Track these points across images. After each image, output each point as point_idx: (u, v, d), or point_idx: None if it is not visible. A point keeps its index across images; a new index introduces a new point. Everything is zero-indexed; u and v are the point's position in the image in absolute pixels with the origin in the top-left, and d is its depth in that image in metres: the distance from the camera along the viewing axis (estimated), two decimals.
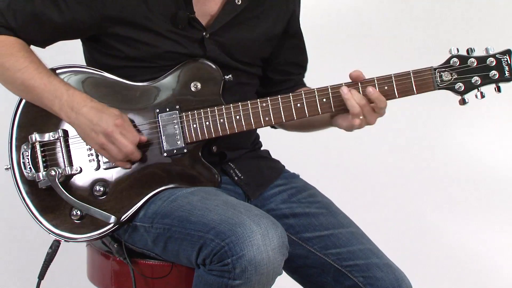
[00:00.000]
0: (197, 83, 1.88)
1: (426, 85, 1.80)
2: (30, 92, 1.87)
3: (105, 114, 1.80)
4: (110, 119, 1.80)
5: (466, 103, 1.82)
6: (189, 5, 1.87)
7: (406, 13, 3.69)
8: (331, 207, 2.02)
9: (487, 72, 1.79)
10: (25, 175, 1.90)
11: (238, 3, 1.92)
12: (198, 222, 1.71)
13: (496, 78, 1.79)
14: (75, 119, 1.83)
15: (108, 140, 1.80)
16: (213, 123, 1.85)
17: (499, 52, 1.80)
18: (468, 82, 1.80)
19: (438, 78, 1.80)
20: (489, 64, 1.79)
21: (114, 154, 1.82)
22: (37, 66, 1.86)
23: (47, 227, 1.89)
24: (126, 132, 1.81)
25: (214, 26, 1.91)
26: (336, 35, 3.52)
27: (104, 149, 1.82)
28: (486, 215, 3.65)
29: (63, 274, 2.51)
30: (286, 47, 2.08)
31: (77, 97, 1.83)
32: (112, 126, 1.79)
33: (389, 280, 1.87)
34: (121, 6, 1.83)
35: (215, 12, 1.92)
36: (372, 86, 1.80)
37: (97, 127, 1.80)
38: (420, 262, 3.32)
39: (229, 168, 2.00)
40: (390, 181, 3.65)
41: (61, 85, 1.85)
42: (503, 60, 1.79)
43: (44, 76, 1.85)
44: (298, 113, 1.84)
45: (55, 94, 1.84)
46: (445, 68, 1.81)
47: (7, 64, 1.86)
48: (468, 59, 1.80)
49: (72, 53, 2.07)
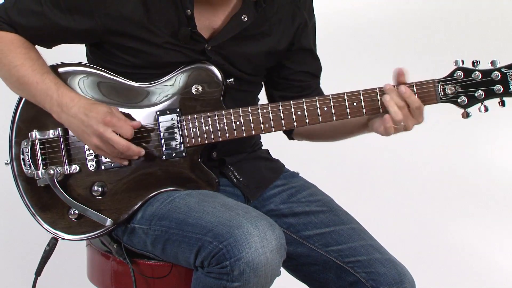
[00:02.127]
0: (198, 86, 1.86)
1: (429, 98, 1.79)
2: (24, 90, 1.86)
3: (93, 113, 1.77)
4: (98, 117, 1.76)
5: (469, 116, 1.80)
6: (191, 20, 1.84)
7: (410, 16, 3.68)
8: (332, 205, 2.02)
9: (492, 87, 1.77)
10: (24, 171, 1.89)
11: (244, 20, 1.88)
12: (196, 224, 1.70)
13: (501, 93, 1.77)
14: (66, 120, 1.81)
15: (101, 140, 1.77)
16: (213, 128, 1.84)
17: (505, 66, 1.77)
18: (472, 96, 1.78)
19: (441, 91, 1.79)
20: (494, 78, 1.77)
21: (110, 153, 1.80)
22: (33, 63, 1.85)
23: (45, 225, 1.89)
24: (117, 128, 1.77)
25: (217, 40, 1.89)
26: (336, 41, 3.51)
27: (99, 149, 1.80)
28: (488, 210, 3.65)
29: (63, 273, 2.52)
30: (294, 60, 2.06)
31: (66, 96, 1.81)
32: (102, 126, 1.76)
33: (391, 275, 1.87)
34: (123, 19, 1.81)
35: (218, 26, 1.90)
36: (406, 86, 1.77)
37: (88, 128, 1.78)
38: (422, 257, 3.32)
39: (227, 170, 1.99)
40: (391, 178, 3.65)
41: (52, 84, 1.82)
42: (508, 75, 1.77)
43: (38, 74, 1.83)
44: (299, 121, 1.83)
45: (46, 93, 1.82)
46: (449, 80, 1.79)
47: (4, 60, 1.86)
48: (472, 72, 1.77)
49: (76, 53, 2.06)
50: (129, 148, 1.78)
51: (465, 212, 3.63)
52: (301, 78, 2.07)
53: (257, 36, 1.94)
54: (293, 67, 2.06)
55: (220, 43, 1.88)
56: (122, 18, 1.81)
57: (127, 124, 1.79)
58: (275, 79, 2.08)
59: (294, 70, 2.06)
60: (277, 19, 1.96)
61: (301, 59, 2.06)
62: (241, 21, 1.88)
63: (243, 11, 1.88)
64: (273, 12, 1.95)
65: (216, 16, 1.89)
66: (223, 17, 1.89)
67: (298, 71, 2.06)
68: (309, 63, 2.09)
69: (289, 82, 2.07)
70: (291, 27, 1.99)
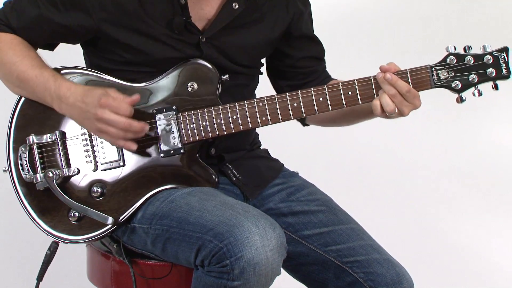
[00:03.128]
0: (194, 83, 1.87)
1: (423, 83, 1.80)
2: (24, 86, 1.87)
3: (89, 98, 1.77)
4: (94, 101, 1.75)
5: (464, 101, 1.81)
6: (185, 10, 1.86)
7: (404, 10, 3.69)
8: (331, 204, 2.02)
9: (484, 70, 1.79)
10: (23, 176, 1.90)
11: (235, 8, 1.90)
12: (196, 223, 1.71)
13: (493, 76, 1.79)
14: (66, 110, 1.82)
15: (102, 123, 1.76)
16: (210, 123, 1.85)
17: (496, 50, 1.79)
18: (465, 80, 1.79)
19: (435, 76, 1.80)
20: (486, 62, 1.79)
21: (114, 135, 1.77)
22: (32, 59, 1.86)
23: (45, 228, 1.89)
24: (114, 108, 1.75)
25: (211, 30, 1.90)
26: (333, 34, 3.51)
27: (102, 132, 1.78)
28: (488, 210, 3.66)
29: (62, 274, 2.52)
30: (295, 46, 2.07)
31: (63, 86, 1.82)
32: (99, 109, 1.75)
33: (390, 275, 1.87)
34: (119, 10, 1.83)
35: (212, 16, 1.91)
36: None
37: (87, 114, 1.77)
38: (421, 257, 3.33)
39: (226, 168, 1.99)
40: (390, 178, 3.65)
41: (50, 76, 1.84)
42: (500, 58, 1.78)
43: (36, 69, 1.85)
44: (295, 113, 1.84)
45: (45, 86, 1.83)
46: (442, 66, 1.80)
47: (4, 59, 1.87)
48: (465, 57, 1.79)
49: (75, 54, 2.07)
50: (130, 124, 1.76)
51: (464, 212, 3.64)
52: (305, 64, 2.08)
53: (250, 24, 1.94)
54: (296, 54, 2.07)
55: (214, 34, 1.89)
56: (117, 9, 1.82)
57: (123, 102, 1.76)
58: (281, 68, 2.09)
59: (297, 57, 2.07)
60: (269, 7, 1.97)
61: (303, 45, 2.08)
62: (232, 9, 1.89)
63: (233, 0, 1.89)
64: (265, 0, 1.96)
65: (209, 5, 1.90)
66: (216, 7, 1.91)
67: (302, 57, 2.08)
68: (312, 47, 2.10)
69: (295, 70, 2.08)
70: (285, 16, 2.00)
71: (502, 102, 3.54)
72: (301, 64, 2.07)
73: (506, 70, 1.78)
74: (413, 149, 3.69)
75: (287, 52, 2.07)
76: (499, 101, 3.53)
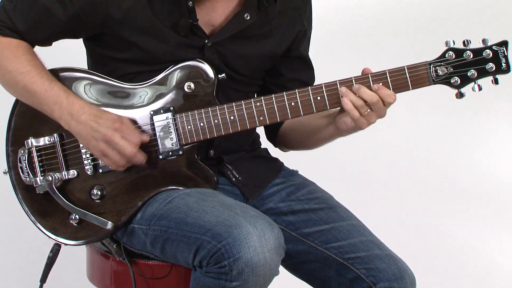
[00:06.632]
0: (190, 83, 1.86)
1: (421, 80, 1.78)
2: (31, 97, 1.86)
3: (103, 120, 1.79)
4: (108, 123, 1.78)
5: (463, 96, 1.79)
6: (192, 12, 1.84)
7: (403, 8, 3.66)
8: (331, 202, 2.01)
9: (484, 65, 1.76)
10: (23, 179, 1.90)
11: (247, 18, 1.88)
12: (195, 224, 1.71)
13: (493, 71, 1.76)
14: (75, 127, 1.81)
15: (108, 145, 1.78)
16: (208, 124, 1.84)
17: (496, 44, 1.76)
18: (464, 75, 1.77)
19: (433, 73, 1.78)
20: (486, 57, 1.76)
21: (116, 160, 1.79)
22: (40, 70, 1.85)
23: (46, 232, 1.90)
24: (126, 135, 1.78)
25: (219, 36, 1.88)
26: (331, 33, 3.50)
27: (105, 155, 1.80)
28: (488, 209, 3.65)
29: (63, 275, 2.52)
30: (289, 66, 2.06)
31: (76, 104, 1.81)
32: (111, 131, 1.77)
33: (391, 271, 1.87)
34: (126, 8, 1.81)
35: (219, 23, 1.89)
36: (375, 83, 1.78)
37: (96, 133, 1.78)
38: (422, 253, 3.31)
39: (226, 169, 1.99)
40: (391, 175, 3.64)
41: (61, 91, 1.83)
42: (499, 52, 1.75)
43: (46, 82, 1.83)
44: (293, 112, 1.83)
45: (55, 101, 1.82)
46: (441, 62, 1.78)
47: (10, 67, 1.85)
48: (464, 52, 1.76)
49: (75, 54, 2.06)
50: (135, 155, 1.79)
51: (465, 210, 3.63)
52: (293, 86, 2.00)
53: (258, 37, 1.94)
54: (288, 74, 2.06)
55: (220, 40, 1.88)
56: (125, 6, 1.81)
57: (135, 132, 1.81)
58: (271, 86, 2.07)
59: (288, 78, 2.06)
60: (278, 22, 1.96)
61: (296, 67, 2.07)
62: (244, 20, 1.88)
63: (245, 10, 1.88)
64: (275, 15, 1.94)
65: (215, 12, 1.89)
66: (222, 14, 1.89)
67: (292, 78, 2.06)
68: (303, 71, 2.09)
69: (280, 89, 2.02)
70: (291, 33, 1.99)
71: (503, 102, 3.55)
72: (289, 86, 2.02)
73: (505, 65, 1.75)
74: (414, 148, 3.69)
75: (280, 70, 2.06)
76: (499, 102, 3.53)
